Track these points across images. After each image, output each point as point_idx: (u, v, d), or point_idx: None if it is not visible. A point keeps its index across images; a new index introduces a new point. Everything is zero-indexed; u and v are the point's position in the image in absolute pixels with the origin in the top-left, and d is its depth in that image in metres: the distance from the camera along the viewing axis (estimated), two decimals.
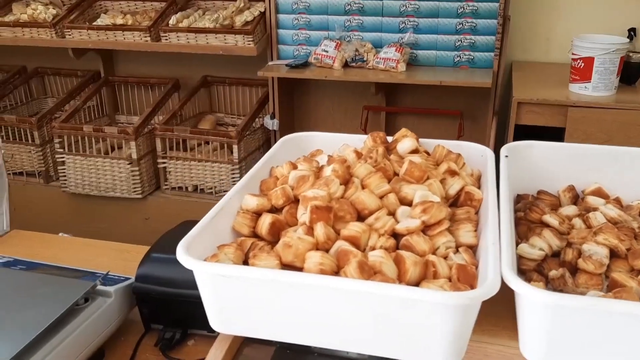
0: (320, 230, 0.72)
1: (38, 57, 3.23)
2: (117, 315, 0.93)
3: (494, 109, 2.54)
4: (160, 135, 2.74)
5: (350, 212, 0.76)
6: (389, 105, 2.84)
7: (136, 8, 2.98)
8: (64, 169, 2.81)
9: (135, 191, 2.78)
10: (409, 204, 0.81)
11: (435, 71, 2.56)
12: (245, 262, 0.75)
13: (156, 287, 0.93)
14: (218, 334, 0.79)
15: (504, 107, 2.71)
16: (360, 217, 0.78)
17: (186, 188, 2.81)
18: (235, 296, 0.67)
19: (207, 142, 2.79)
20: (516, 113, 2.23)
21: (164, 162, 2.79)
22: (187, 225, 1.08)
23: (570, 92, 2.28)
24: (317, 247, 0.71)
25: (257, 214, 0.82)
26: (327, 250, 0.71)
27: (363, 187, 0.81)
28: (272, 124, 2.84)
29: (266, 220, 0.79)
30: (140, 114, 3.20)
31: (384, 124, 2.87)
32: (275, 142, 2.90)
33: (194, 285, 0.90)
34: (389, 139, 0.99)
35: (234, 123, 3.17)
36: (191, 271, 0.93)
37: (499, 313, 0.74)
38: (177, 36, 2.69)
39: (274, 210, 0.83)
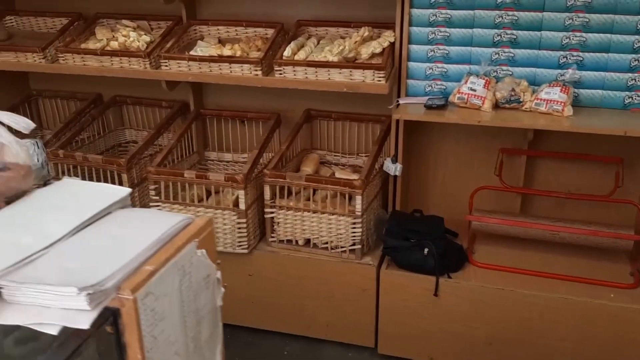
0: None
1: (115, 84, 2.86)
2: None
3: None
4: (270, 182, 2.39)
5: None
6: (531, 148, 2.47)
7: (236, 34, 2.62)
8: None
9: (240, 245, 2.42)
10: None
11: (602, 114, 2.18)
12: None
13: None
14: None
15: None
16: None
17: (296, 242, 2.45)
18: None
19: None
20: None
21: (272, 212, 2.43)
22: None
23: None
24: None
25: None
26: None
27: None
28: (394, 168, 2.47)
29: None
30: (233, 151, 2.86)
31: (523, 169, 2.49)
32: (395, 188, 2.57)
33: None
34: None
35: (337, 162, 2.81)
36: None
37: None
38: (294, 70, 2.33)
39: None
